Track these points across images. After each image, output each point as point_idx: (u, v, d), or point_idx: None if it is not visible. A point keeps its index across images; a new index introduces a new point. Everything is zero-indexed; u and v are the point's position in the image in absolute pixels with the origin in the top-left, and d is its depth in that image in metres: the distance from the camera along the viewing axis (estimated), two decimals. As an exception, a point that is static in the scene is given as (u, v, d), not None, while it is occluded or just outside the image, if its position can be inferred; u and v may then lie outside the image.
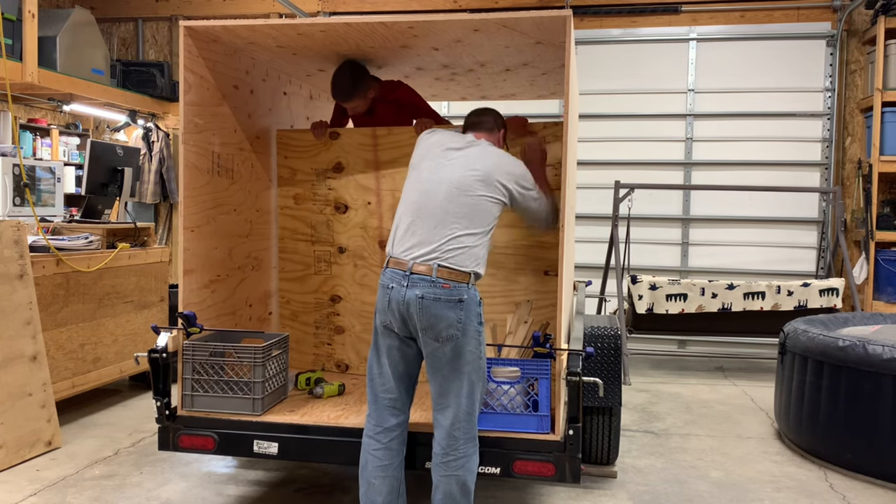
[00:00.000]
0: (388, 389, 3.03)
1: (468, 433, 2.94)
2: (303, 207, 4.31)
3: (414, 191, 3.08)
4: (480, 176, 3.03)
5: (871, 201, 7.02)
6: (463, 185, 3.01)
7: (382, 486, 2.99)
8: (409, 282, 2.91)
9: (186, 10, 8.59)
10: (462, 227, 2.97)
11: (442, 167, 3.07)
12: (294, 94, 4.68)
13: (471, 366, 2.94)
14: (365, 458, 3.04)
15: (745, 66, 7.59)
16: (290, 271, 4.38)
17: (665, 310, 6.31)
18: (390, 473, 3.01)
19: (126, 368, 5.34)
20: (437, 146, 3.16)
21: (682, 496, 3.85)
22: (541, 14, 3.09)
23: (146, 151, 8.28)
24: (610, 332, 3.95)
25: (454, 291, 2.90)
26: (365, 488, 3.02)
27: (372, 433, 3.05)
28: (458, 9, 7.91)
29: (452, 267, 2.92)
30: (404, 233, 3.02)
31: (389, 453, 3.02)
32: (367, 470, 3.02)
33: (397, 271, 2.96)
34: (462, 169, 3.04)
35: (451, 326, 2.88)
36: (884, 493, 3.94)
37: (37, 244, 4.57)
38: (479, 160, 3.08)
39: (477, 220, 3.00)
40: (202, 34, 3.53)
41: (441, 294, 2.88)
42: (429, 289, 2.89)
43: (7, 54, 5.59)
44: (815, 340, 4.38)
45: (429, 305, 2.87)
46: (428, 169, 3.09)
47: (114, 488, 3.85)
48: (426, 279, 2.90)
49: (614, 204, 6.60)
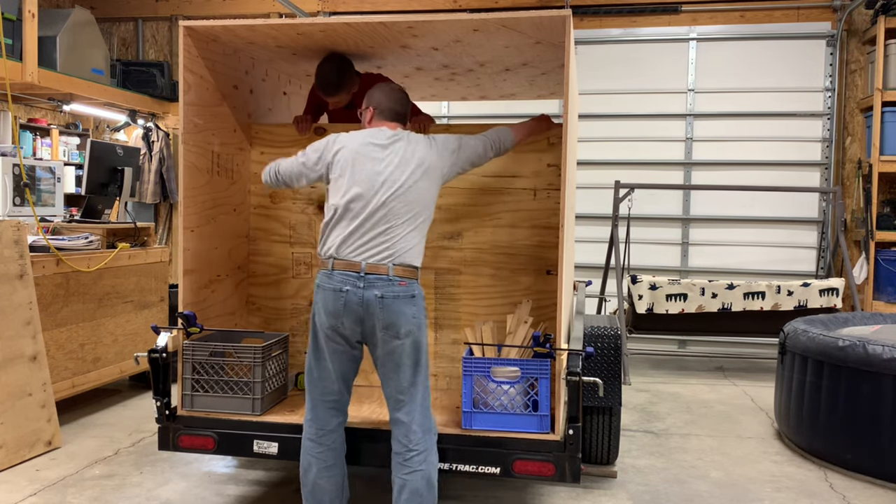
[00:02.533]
0: (330, 391, 3.08)
1: (425, 426, 3.00)
2: (280, 206, 4.14)
3: (351, 192, 3.02)
4: (419, 168, 3.06)
5: (871, 201, 7.02)
6: (404, 182, 3.02)
7: (328, 485, 3.06)
8: (365, 283, 2.94)
9: (186, 10, 8.59)
10: (408, 224, 3.02)
11: (377, 166, 3.03)
12: (294, 94, 4.68)
13: (425, 359, 3.04)
14: (308, 461, 3.07)
15: (745, 66, 7.59)
16: (263, 275, 4.16)
17: (665, 310, 6.31)
18: (335, 472, 3.08)
19: (126, 368, 5.34)
20: (362, 146, 3.08)
21: (682, 496, 3.85)
22: (540, 14, 3.09)
23: (146, 151, 8.28)
24: (610, 331, 3.95)
25: (409, 288, 2.99)
26: (310, 488, 3.07)
27: (314, 437, 3.08)
28: (458, 9, 7.91)
29: (406, 264, 3.00)
30: (346, 234, 3.00)
31: (333, 453, 3.08)
32: (312, 472, 3.06)
33: (349, 273, 2.97)
34: (402, 165, 3.04)
35: (410, 322, 2.96)
36: (884, 493, 3.94)
37: (37, 244, 4.57)
38: (412, 153, 3.07)
39: (420, 214, 3.06)
40: (202, 34, 3.54)
41: (399, 292, 2.95)
42: (387, 288, 2.94)
43: (7, 54, 5.59)
44: (815, 340, 4.38)
45: (389, 304, 2.93)
46: (361, 170, 3.04)
47: (114, 488, 3.85)
48: (383, 278, 2.95)
49: (614, 204, 6.60)
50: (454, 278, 4.02)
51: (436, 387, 4.06)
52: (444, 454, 3.15)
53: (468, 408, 3.20)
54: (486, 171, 3.95)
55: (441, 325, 4.04)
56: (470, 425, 3.19)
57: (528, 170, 3.92)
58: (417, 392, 3.00)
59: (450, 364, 4.05)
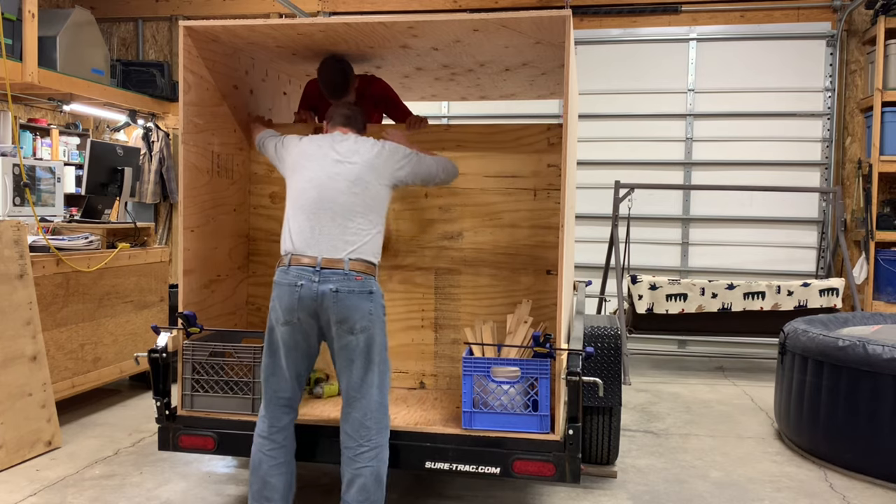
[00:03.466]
0: (284, 389, 3.11)
1: (380, 423, 3.03)
2: (280, 206, 4.13)
3: (307, 190, 3.11)
4: (368, 168, 3.12)
5: (871, 201, 7.02)
6: (357, 180, 3.09)
7: (279, 482, 3.09)
8: (320, 277, 2.97)
9: (186, 10, 8.59)
10: (363, 220, 3.07)
11: (331, 165, 3.12)
12: (294, 94, 4.68)
13: (380, 356, 3.05)
14: (258, 458, 3.10)
15: (745, 66, 7.59)
16: (263, 275, 4.19)
17: (665, 310, 6.31)
18: (285, 469, 3.11)
19: (126, 368, 5.34)
20: (315, 147, 3.20)
21: (682, 496, 3.85)
22: (540, 14, 3.09)
23: (146, 151, 8.28)
24: (610, 331, 3.95)
25: (365, 283, 3.01)
26: (259, 486, 3.09)
27: (266, 434, 3.11)
28: (458, 9, 7.91)
29: (362, 259, 3.03)
30: (304, 231, 3.06)
31: (283, 450, 3.11)
32: (262, 469, 3.09)
33: (305, 268, 3.00)
34: (350, 164, 3.11)
35: (365, 318, 2.98)
36: (884, 493, 3.94)
37: (37, 244, 4.57)
38: (361, 153, 3.16)
39: (374, 211, 3.11)
40: (202, 34, 3.54)
41: (354, 286, 2.98)
42: (342, 282, 2.97)
43: (7, 54, 5.59)
44: (815, 340, 4.38)
45: (343, 298, 2.96)
46: (316, 168, 3.13)
47: (114, 488, 3.85)
48: (338, 273, 2.98)
49: (614, 204, 6.60)
50: (454, 278, 4.02)
51: (436, 386, 4.07)
52: (445, 454, 3.16)
53: (468, 408, 3.20)
54: (487, 171, 3.96)
55: (441, 325, 4.04)
56: (470, 425, 3.19)
57: (528, 170, 3.92)
58: (371, 389, 3.02)
59: (450, 364, 4.05)
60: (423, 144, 3.99)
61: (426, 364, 4.08)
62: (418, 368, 4.09)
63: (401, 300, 4.08)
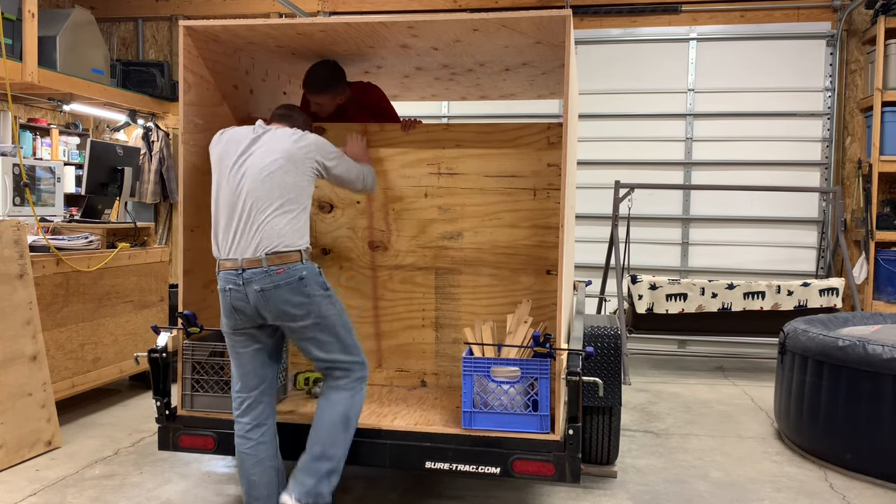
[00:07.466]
0: (252, 386, 3.14)
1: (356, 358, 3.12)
2: None
3: (222, 189, 3.10)
4: (283, 156, 3.07)
5: (871, 201, 7.02)
6: (268, 169, 3.05)
7: (262, 478, 3.10)
8: (243, 279, 2.98)
9: (186, 10, 8.59)
10: (276, 209, 3.02)
11: (244, 160, 3.10)
12: (294, 94, 4.67)
13: (335, 323, 3.08)
14: (240, 457, 3.13)
15: (745, 65, 7.58)
16: None
17: (665, 309, 6.31)
18: (268, 465, 3.12)
19: (126, 368, 5.34)
20: (232, 143, 3.16)
21: (681, 496, 3.85)
22: (540, 14, 3.09)
23: (146, 151, 8.28)
24: (610, 331, 3.95)
25: (290, 272, 2.98)
26: (247, 486, 3.12)
27: (243, 433, 3.13)
28: (458, 9, 7.91)
29: (281, 250, 2.99)
30: (224, 232, 3.07)
31: (264, 447, 3.12)
32: (245, 468, 3.11)
33: (230, 272, 3.02)
34: (263, 155, 3.08)
35: (300, 307, 2.99)
36: (884, 493, 3.94)
37: (37, 244, 4.57)
38: (276, 143, 3.12)
39: (289, 198, 3.05)
40: (202, 34, 3.54)
41: (278, 280, 2.96)
42: (265, 280, 2.96)
43: (7, 54, 5.59)
44: (814, 340, 4.38)
45: (271, 296, 2.96)
46: (230, 165, 3.11)
47: (114, 488, 3.85)
48: (259, 272, 2.97)
49: (614, 204, 6.60)
50: (454, 278, 4.02)
51: (437, 385, 4.07)
52: (445, 454, 3.16)
53: (468, 408, 3.20)
54: (486, 170, 3.96)
55: (441, 324, 4.04)
56: (470, 425, 3.19)
57: (528, 170, 3.92)
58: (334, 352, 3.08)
59: (450, 364, 4.05)
60: (422, 144, 4.00)
61: (427, 363, 4.09)
62: (419, 367, 4.10)
63: (402, 300, 4.09)
